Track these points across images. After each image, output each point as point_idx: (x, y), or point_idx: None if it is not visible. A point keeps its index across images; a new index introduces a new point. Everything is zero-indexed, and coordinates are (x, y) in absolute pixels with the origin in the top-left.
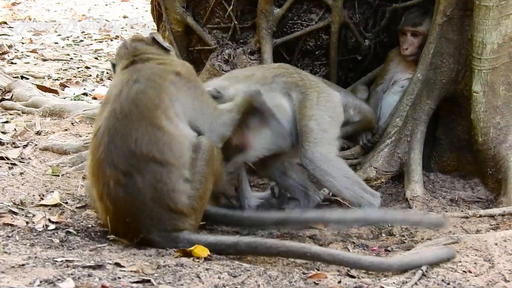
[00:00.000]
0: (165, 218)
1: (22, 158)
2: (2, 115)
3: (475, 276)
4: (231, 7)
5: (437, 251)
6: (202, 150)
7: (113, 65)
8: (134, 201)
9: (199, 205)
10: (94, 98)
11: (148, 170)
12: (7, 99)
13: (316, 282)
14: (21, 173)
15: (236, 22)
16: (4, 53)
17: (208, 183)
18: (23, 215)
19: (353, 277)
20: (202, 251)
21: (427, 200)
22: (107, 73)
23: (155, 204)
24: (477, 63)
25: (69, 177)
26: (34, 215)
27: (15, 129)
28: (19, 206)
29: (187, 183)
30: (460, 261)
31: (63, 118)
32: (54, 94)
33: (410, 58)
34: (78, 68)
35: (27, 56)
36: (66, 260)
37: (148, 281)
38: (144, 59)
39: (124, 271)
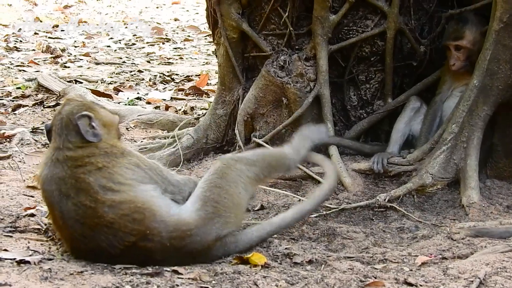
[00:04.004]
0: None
1: None
2: None
3: None
4: (287, 14)
5: None
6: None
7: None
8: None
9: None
10: (148, 103)
11: (147, 242)
12: None
13: None
14: None
15: (291, 29)
16: (57, 56)
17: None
18: None
19: (411, 285)
20: (259, 258)
21: (483, 206)
22: (160, 76)
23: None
24: None
25: None
26: None
27: None
28: None
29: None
30: None
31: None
32: (108, 98)
33: (460, 71)
34: (131, 71)
35: (80, 59)
36: (124, 267)
37: None
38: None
39: (182, 278)
